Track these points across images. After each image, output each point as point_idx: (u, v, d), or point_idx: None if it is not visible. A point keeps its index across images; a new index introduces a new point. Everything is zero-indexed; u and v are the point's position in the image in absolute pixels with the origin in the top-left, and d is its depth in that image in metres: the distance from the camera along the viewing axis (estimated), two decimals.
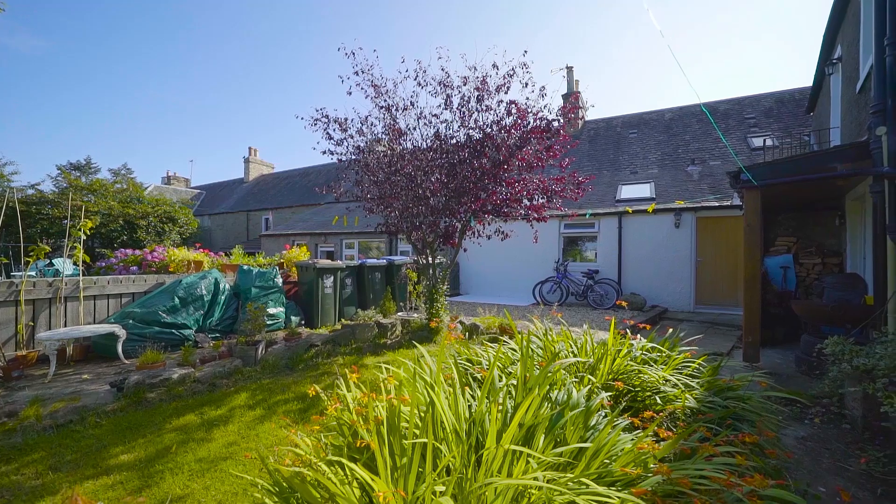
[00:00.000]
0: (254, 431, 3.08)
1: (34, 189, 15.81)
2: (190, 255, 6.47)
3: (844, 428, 3.13)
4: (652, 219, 9.41)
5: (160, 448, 2.85)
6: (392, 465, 1.45)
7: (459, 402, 1.82)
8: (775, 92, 12.97)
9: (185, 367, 4.22)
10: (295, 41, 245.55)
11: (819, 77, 8.31)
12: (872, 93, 3.93)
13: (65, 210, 12.51)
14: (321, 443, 1.82)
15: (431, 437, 1.43)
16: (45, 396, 3.53)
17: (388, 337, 5.96)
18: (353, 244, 14.73)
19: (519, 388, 1.90)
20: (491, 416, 1.55)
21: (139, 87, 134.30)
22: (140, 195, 16.71)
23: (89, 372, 4.36)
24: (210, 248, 20.52)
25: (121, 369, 4.41)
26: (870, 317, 3.93)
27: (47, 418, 3.19)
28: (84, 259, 5.38)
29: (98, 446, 2.88)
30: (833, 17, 6.38)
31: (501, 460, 1.44)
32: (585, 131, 15.49)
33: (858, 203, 5.98)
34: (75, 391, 3.71)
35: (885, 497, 2.32)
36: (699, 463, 1.57)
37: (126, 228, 14.30)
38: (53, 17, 77.23)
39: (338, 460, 1.44)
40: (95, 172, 25.05)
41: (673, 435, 1.87)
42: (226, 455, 2.73)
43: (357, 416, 1.73)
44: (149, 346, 4.71)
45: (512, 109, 5.36)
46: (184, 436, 3.03)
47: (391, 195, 5.71)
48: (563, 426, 1.82)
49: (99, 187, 15.44)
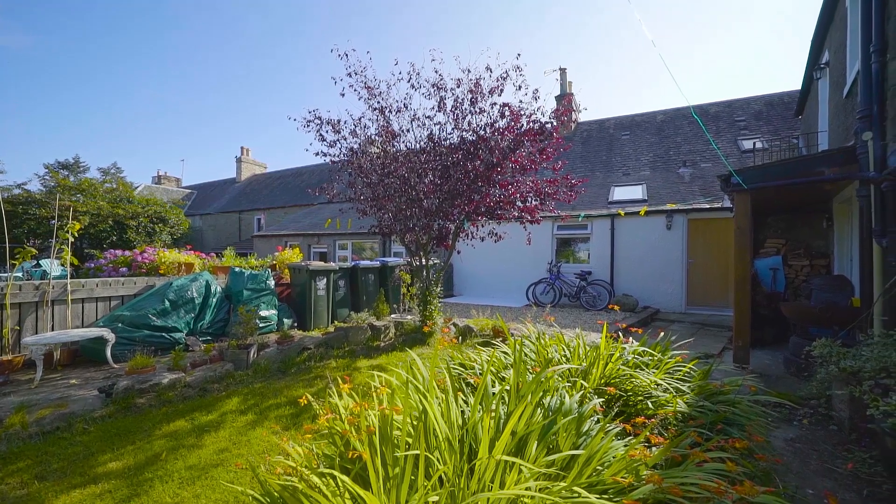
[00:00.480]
0: (245, 437, 3.05)
1: (21, 188, 15.53)
2: (181, 258, 6.39)
3: (832, 429, 3.18)
4: (644, 220, 9.49)
5: (150, 455, 2.81)
6: (384, 475, 1.45)
7: (452, 410, 1.82)
8: (765, 95, 13.15)
9: (175, 372, 4.17)
10: (289, 42, 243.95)
11: (807, 81, 8.43)
12: (859, 98, 4.00)
13: (52, 210, 12.29)
14: (313, 452, 1.81)
15: (424, 447, 1.43)
16: (31, 403, 3.47)
17: (381, 340, 5.95)
18: (347, 245, 14.66)
19: (512, 395, 1.90)
20: (483, 424, 1.55)
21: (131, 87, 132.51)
22: (130, 195, 16.49)
23: (77, 377, 4.28)
24: (201, 248, 20.35)
25: (110, 374, 4.34)
26: (856, 319, 4.00)
27: (33, 425, 3.13)
28: (72, 261, 5.29)
29: (86, 454, 2.83)
30: (821, 22, 6.48)
31: (494, 470, 1.44)
32: (578, 133, 15.58)
33: (845, 206, 6.08)
34: (63, 397, 3.65)
35: (871, 498, 2.37)
36: (690, 470, 1.58)
37: (115, 229, 14.09)
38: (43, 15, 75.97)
39: (330, 473, 1.43)
40: (84, 172, 24.65)
41: (664, 441, 1.88)
42: (217, 462, 2.70)
43: (349, 426, 1.72)
44: (138, 350, 4.64)
45: (505, 112, 5.37)
46: (174, 442, 2.99)
47: (384, 197, 5.69)
48: (556, 433, 1.83)
49: (88, 187, 15.20)
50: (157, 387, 3.87)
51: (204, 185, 31.02)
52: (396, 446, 1.53)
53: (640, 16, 3.28)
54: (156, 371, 4.20)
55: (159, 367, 4.37)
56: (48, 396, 3.65)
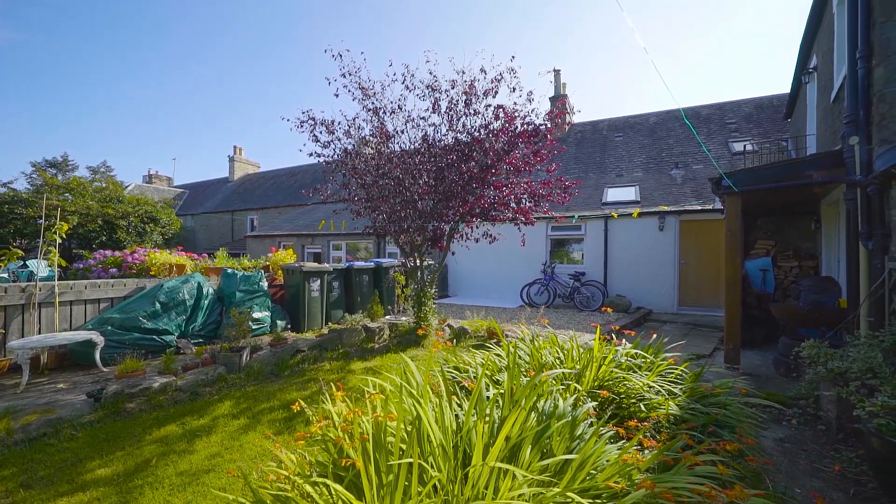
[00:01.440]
0: (237, 442, 3.02)
1: (7, 187, 15.24)
2: (172, 259, 6.31)
3: (820, 429, 3.23)
4: (637, 222, 9.57)
5: (140, 461, 2.77)
6: (378, 482, 1.44)
7: (446, 415, 1.81)
8: (755, 98, 13.33)
9: (166, 376, 4.11)
10: (283, 41, 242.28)
11: (796, 85, 8.56)
12: (846, 103, 4.07)
13: (40, 209, 12.07)
14: (306, 459, 1.79)
15: (418, 454, 1.43)
16: (16, 408, 3.40)
17: (375, 341, 5.93)
18: (341, 245, 14.60)
19: (506, 400, 1.90)
20: (478, 430, 1.55)
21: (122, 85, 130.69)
22: (120, 194, 16.24)
23: (65, 381, 4.21)
24: (193, 249, 20.13)
25: (99, 378, 4.27)
26: (843, 320, 4.07)
27: (19, 431, 3.07)
28: (60, 262, 5.20)
29: (73, 460, 2.79)
30: (809, 27, 6.58)
31: (488, 476, 1.44)
32: (572, 134, 15.66)
33: (833, 209, 6.19)
34: (50, 402, 3.58)
35: (857, 496, 2.41)
36: (682, 474, 1.60)
37: (105, 229, 13.89)
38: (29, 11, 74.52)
39: (323, 481, 1.42)
40: (73, 170, 24.23)
41: (657, 444, 1.90)
42: (208, 468, 2.67)
43: (343, 433, 1.71)
44: (129, 353, 4.58)
45: (500, 113, 5.38)
46: (165, 448, 2.95)
47: (379, 198, 5.67)
48: (550, 437, 1.83)
49: (77, 186, 14.95)
50: (147, 391, 3.81)
51: (196, 185, 30.67)
52: (390, 453, 1.52)
53: (632, 24, 3.30)
54: (146, 375, 4.14)
55: (150, 370, 4.31)
56: (35, 401, 3.59)
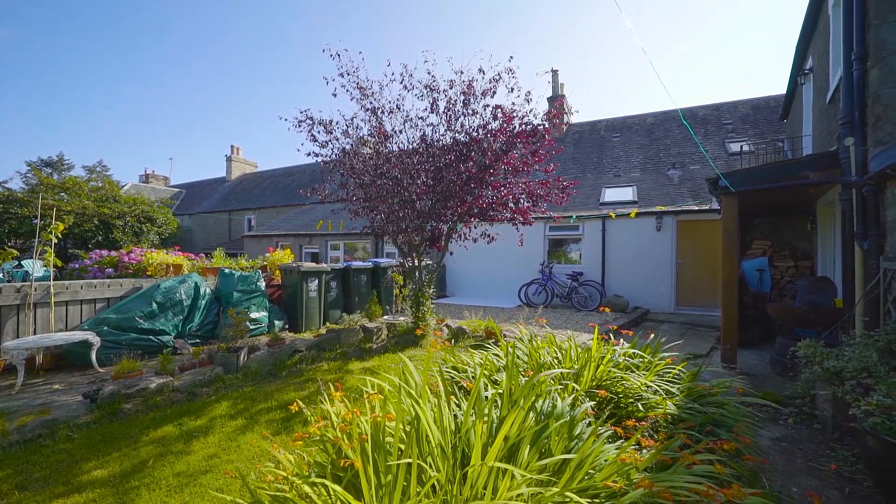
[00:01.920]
0: (235, 443, 3.01)
1: (2, 186, 15.15)
2: (169, 259, 6.28)
3: (816, 428, 3.25)
4: (634, 222, 9.60)
5: (136, 462, 2.76)
6: (377, 483, 1.44)
7: (445, 415, 1.82)
8: (752, 98, 13.41)
9: (163, 376, 4.09)
10: (282, 41, 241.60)
11: (792, 86, 8.61)
12: (841, 104, 4.10)
13: (35, 209, 11.99)
14: (304, 460, 1.79)
15: (416, 454, 1.43)
16: (11, 409, 3.37)
17: (373, 341, 5.92)
18: (339, 245, 14.57)
19: (505, 400, 1.91)
20: (476, 430, 1.55)
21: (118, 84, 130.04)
22: (116, 194, 16.14)
23: (61, 381, 4.18)
24: (190, 249, 20.04)
25: (95, 378, 4.25)
26: (839, 320, 4.10)
27: (14, 433, 3.05)
28: (56, 262, 5.17)
29: (70, 462, 2.77)
30: (805, 29, 6.62)
31: (487, 476, 1.44)
32: (570, 134, 15.69)
33: (829, 209, 6.23)
34: (45, 403, 3.56)
35: (853, 495, 2.43)
36: (680, 473, 1.61)
37: (101, 228, 13.79)
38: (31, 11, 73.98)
39: (321, 482, 1.42)
40: (69, 170, 24.14)
41: (655, 443, 1.91)
42: (206, 469, 2.66)
43: (341, 434, 1.70)
44: (125, 353, 4.55)
45: (498, 114, 5.39)
46: (162, 449, 2.94)
47: (377, 198, 5.67)
48: (549, 436, 1.83)
49: (72, 185, 14.85)
50: (144, 391, 3.79)
51: (193, 185, 30.54)
52: (389, 453, 1.52)
53: (631, 24, 3.31)
54: (143, 375, 4.12)
55: (147, 370, 4.29)
56: (30, 402, 3.56)
